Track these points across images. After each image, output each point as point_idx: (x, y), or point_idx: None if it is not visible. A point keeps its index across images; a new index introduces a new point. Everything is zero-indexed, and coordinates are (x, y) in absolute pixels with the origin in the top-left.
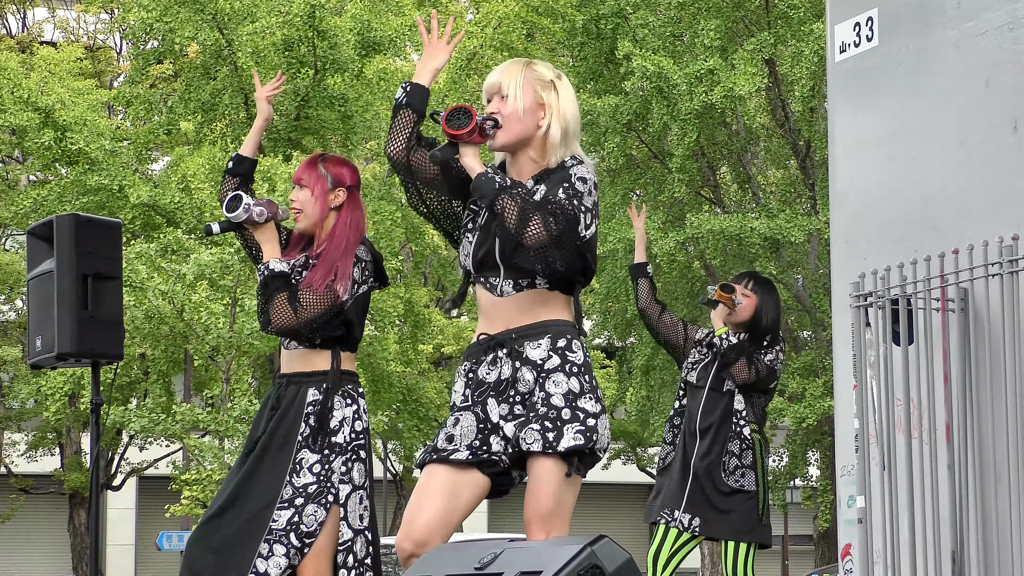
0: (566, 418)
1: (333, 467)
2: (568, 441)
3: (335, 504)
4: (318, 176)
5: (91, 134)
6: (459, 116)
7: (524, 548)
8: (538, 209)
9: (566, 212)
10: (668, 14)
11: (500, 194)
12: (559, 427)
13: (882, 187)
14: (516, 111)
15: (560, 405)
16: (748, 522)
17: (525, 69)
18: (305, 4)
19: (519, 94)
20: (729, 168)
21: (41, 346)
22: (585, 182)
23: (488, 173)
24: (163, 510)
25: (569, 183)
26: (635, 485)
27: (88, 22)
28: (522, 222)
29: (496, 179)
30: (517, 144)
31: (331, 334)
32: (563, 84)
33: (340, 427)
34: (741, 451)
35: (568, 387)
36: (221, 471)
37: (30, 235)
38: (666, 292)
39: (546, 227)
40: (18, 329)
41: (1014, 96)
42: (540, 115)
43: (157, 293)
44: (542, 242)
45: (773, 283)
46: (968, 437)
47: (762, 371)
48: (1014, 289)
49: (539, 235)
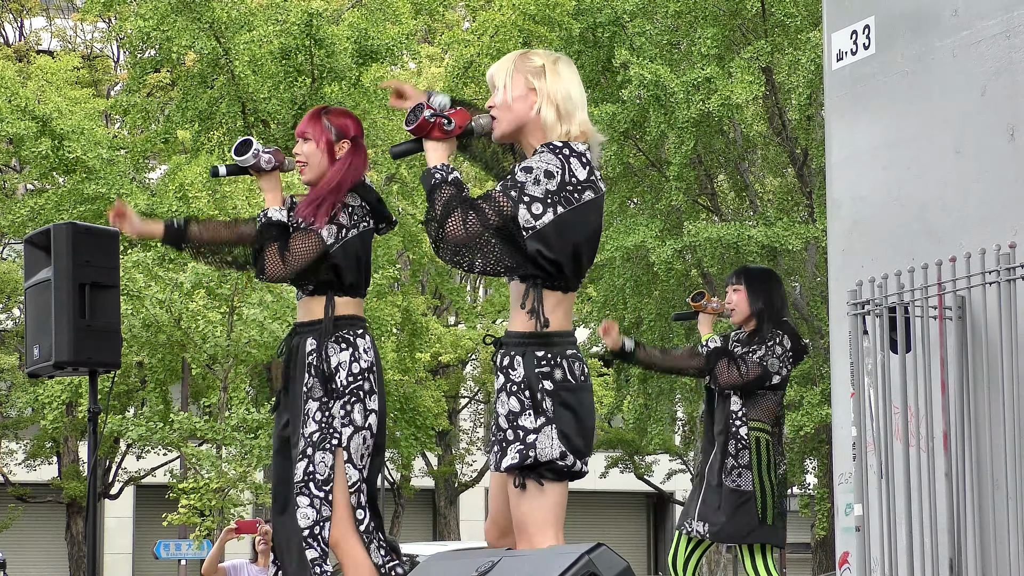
0: (510, 439)
1: (333, 412)
2: (508, 460)
3: (339, 447)
4: (322, 128)
5: (88, 143)
6: (413, 112)
7: (522, 556)
8: (461, 206)
9: (495, 206)
10: (665, 22)
11: (433, 191)
12: (504, 448)
13: (879, 195)
14: (505, 101)
15: (504, 427)
16: (747, 523)
17: (517, 59)
18: (302, 13)
19: (508, 83)
20: (726, 176)
21: (39, 355)
22: (530, 171)
23: (430, 169)
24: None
25: (511, 174)
26: (633, 493)
27: (85, 31)
28: (443, 217)
29: (434, 175)
30: (514, 133)
31: (319, 279)
32: (556, 68)
33: (336, 371)
34: (737, 451)
35: (508, 408)
36: (219, 480)
37: (27, 244)
38: (664, 300)
39: (465, 225)
40: (15, 338)
41: (1011, 104)
42: (532, 100)
43: (155, 302)
44: (457, 240)
45: (766, 270)
46: (966, 445)
47: (748, 371)
48: (1011, 297)
49: (455, 233)
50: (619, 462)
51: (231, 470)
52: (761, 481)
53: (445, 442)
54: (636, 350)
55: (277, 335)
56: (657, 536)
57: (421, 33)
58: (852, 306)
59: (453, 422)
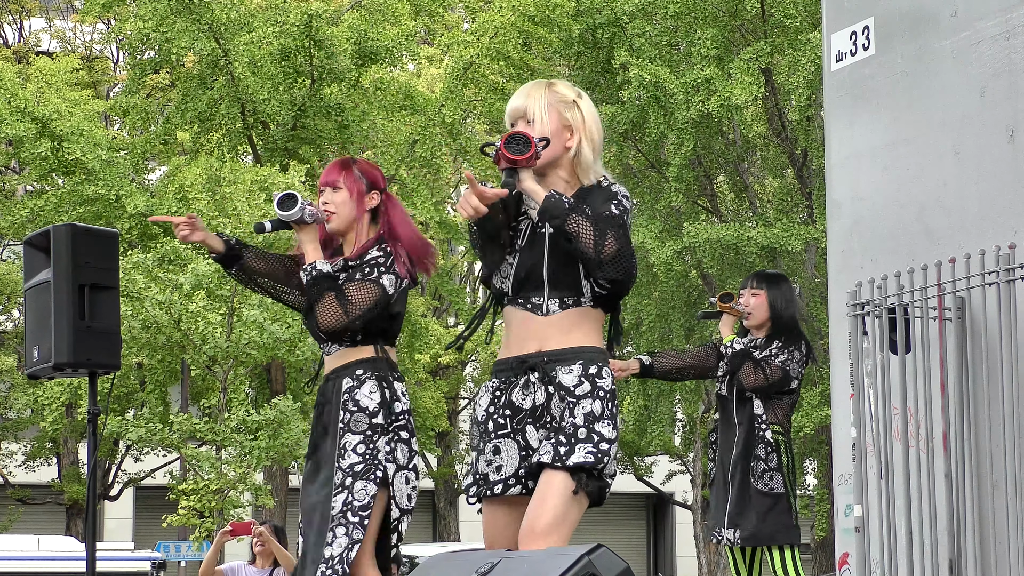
0: (581, 437)
1: (378, 446)
2: (578, 457)
3: (383, 485)
4: (355, 178)
5: (88, 144)
6: (518, 142)
7: (521, 558)
8: (607, 224)
9: (625, 226)
10: (665, 23)
11: (571, 213)
12: (572, 444)
13: (879, 196)
14: (543, 134)
15: (579, 424)
16: (783, 524)
17: (548, 91)
18: (302, 14)
19: (545, 117)
20: (726, 177)
21: (38, 356)
22: (628, 199)
23: (555, 195)
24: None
25: (617, 200)
26: (632, 495)
27: (85, 32)
28: (600, 237)
29: (564, 200)
30: (547, 167)
31: (378, 327)
32: (585, 102)
33: (379, 409)
34: (767, 455)
35: (590, 408)
36: (218, 481)
37: (27, 245)
38: (663, 301)
39: (618, 240)
40: (15, 339)
41: (1010, 105)
42: (566, 136)
43: (154, 303)
44: (617, 252)
45: (782, 276)
46: (965, 445)
47: (772, 373)
48: (1011, 297)
49: (613, 247)
50: (619, 463)
51: (231, 471)
52: (787, 482)
53: (445, 443)
54: (653, 363)
55: (277, 336)
56: (657, 537)
57: (420, 34)
58: (852, 307)
59: (453, 423)
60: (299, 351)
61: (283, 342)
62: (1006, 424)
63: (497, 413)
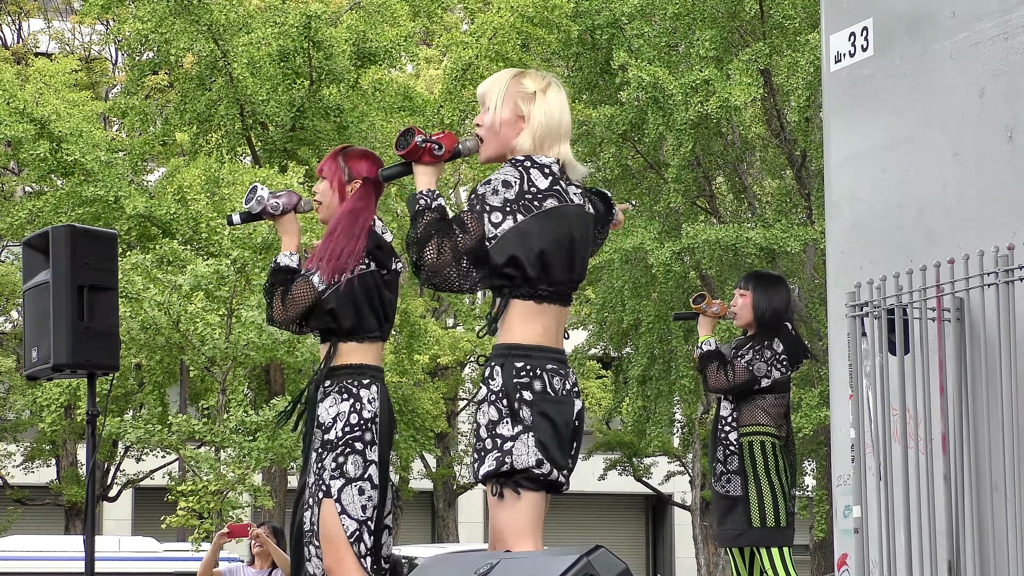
0: (488, 447)
1: (325, 464)
2: (485, 467)
3: (327, 498)
4: (337, 168)
5: (87, 145)
6: (405, 138)
7: (520, 559)
8: (438, 234)
9: (466, 230)
10: (663, 24)
11: (417, 216)
12: (483, 456)
13: (878, 197)
14: (493, 124)
15: (484, 436)
16: (735, 527)
17: (511, 81)
18: (301, 15)
19: (498, 106)
20: (725, 178)
21: (37, 357)
22: (489, 183)
23: (416, 195)
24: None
25: (473, 191)
26: (631, 495)
27: (84, 33)
28: (422, 245)
29: (418, 200)
30: (500, 156)
31: (321, 326)
32: (546, 95)
33: (333, 424)
34: (725, 457)
35: (488, 417)
36: (217, 482)
37: (26, 246)
38: (662, 302)
39: (438, 253)
40: (14, 340)
41: (1009, 106)
42: (520, 127)
43: (153, 304)
44: (433, 267)
45: (773, 276)
46: (964, 447)
47: (736, 375)
48: (1009, 298)
49: (431, 259)
50: (617, 464)
51: (229, 472)
52: (757, 483)
53: (444, 444)
54: None
55: (276, 337)
56: (656, 538)
57: (419, 35)
58: (850, 308)
59: (451, 424)
60: (298, 352)
61: (282, 343)
62: (1005, 425)
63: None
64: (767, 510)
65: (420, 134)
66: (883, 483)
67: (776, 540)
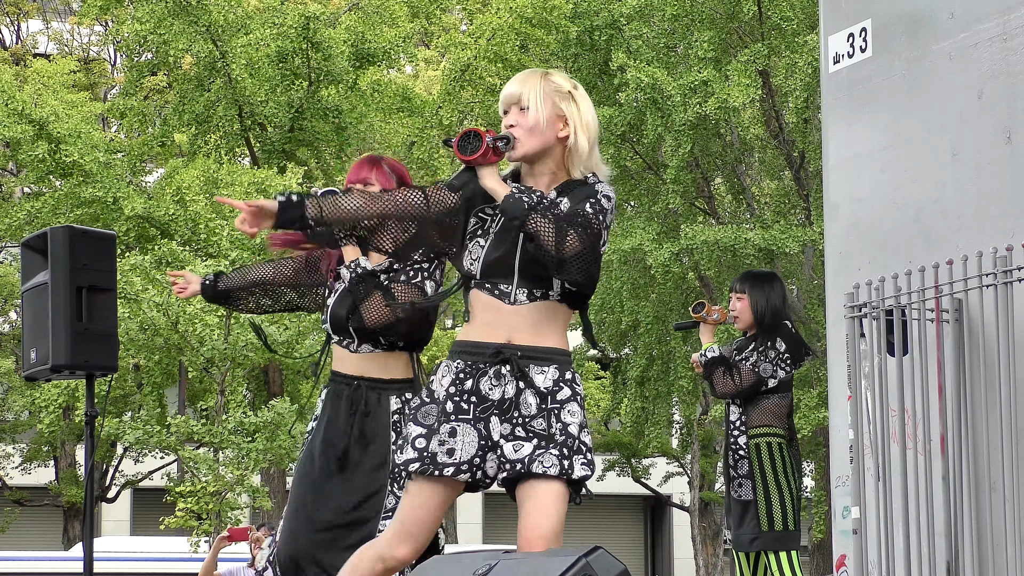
0: (577, 449)
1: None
2: (580, 470)
3: None
4: (387, 175)
5: (85, 146)
6: (470, 140)
7: (519, 559)
8: (570, 222)
9: (592, 226)
10: (662, 26)
11: (530, 214)
12: (571, 456)
13: (876, 198)
14: (538, 123)
15: (575, 435)
16: (749, 532)
17: (543, 80)
18: (299, 16)
19: (540, 105)
20: (723, 179)
21: (36, 358)
22: (610, 200)
23: (514, 194)
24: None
25: (595, 199)
26: (630, 496)
27: (82, 34)
28: (560, 238)
29: (523, 199)
30: (537, 155)
31: (415, 336)
32: (580, 94)
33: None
34: (736, 462)
35: (580, 419)
36: (216, 483)
37: (24, 247)
38: (661, 303)
39: (581, 240)
40: (12, 341)
41: (1007, 107)
42: (559, 126)
43: (152, 305)
44: (579, 254)
45: (769, 275)
46: (963, 448)
47: (743, 378)
48: (1008, 299)
49: (575, 247)
50: (616, 465)
51: (228, 473)
52: (765, 487)
53: None
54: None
55: (274, 339)
56: (655, 539)
57: (418, 36)
58: (849, 309)
59: None
60: (297, 353)
61: (281, 344)
62: (1003, 426)
63: (459, 396)
64: (775, 514)
65: (487, 133)
66: (882, 484)
67: (785, 544)
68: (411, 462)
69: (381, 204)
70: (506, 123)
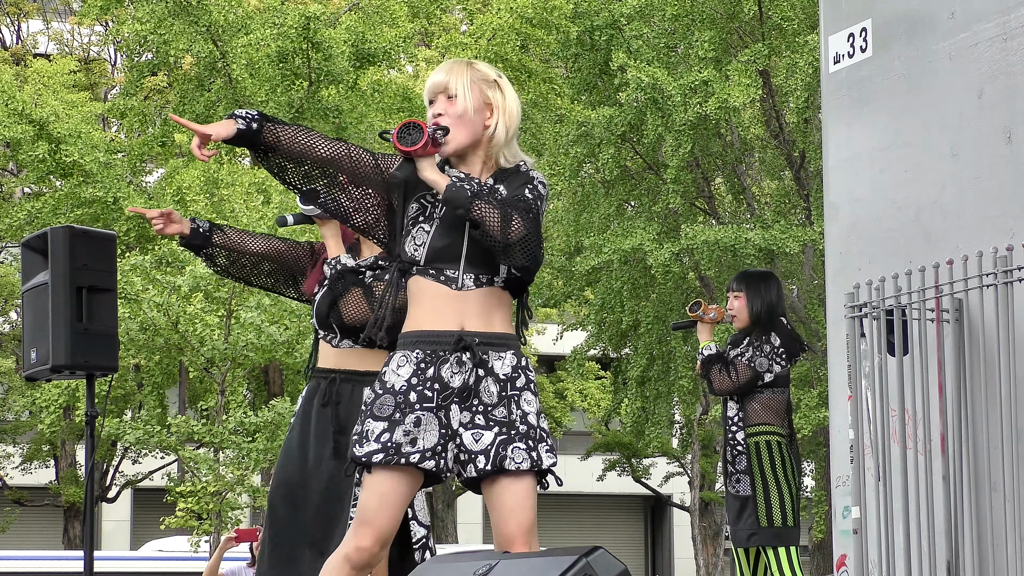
0: (539, 437)
1: None
2: (547, 459)
3: None
4: None
5: (85, 146)
6: (410, 132)
7: (519, 560)
8: (513, 207)
9: (533, 210)
10: (662, 26)
11: (474, 200)
12: (536, 446)
13: (876, 198)
14: (466, 111)
15: (536, 424)
16: (747, 528)
17: (469, 69)
18: (299, 16)
19: (467, 94)
20: (724, 179)
21: (36, 358)
22: (544, 186)
23: (456, 183)
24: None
25: (532, 185)
26: (630, 496)
27: (82, 34)
28: (505, 223)
29: (465, 187)
30: (467, 146)
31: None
32: (505, 83)
33: None
34: (734, 457)
35: (537, 406)
36: (216, 483)
37: (24, 247)
38: (661, 303)
39: (525, 224)
40: (12, 341)
41: (1008, 107)
42: (487, 115)
43: (152, 305)
44: (524, 238)
45: (765, 274)
46: (963, 447)
47: (740, 374)
48: (1008, 299)
49: (520, 232)
50: (616, 465)
51: (228, 473)
52: (764, 483)
53: None
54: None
55: (275, 339)
56: (655, 539)
57: (418, 36)
58: (849, 309)
59: None
60: (297, 353)
61: (281, 344)
62: (1004, 426)
63: (422, 385)
64: (774, 510)
65: (425, 124)
66: (882, 484)
67: (784, 540)
68: (374, 453)
69: (334, 148)
70: (433, 112)
